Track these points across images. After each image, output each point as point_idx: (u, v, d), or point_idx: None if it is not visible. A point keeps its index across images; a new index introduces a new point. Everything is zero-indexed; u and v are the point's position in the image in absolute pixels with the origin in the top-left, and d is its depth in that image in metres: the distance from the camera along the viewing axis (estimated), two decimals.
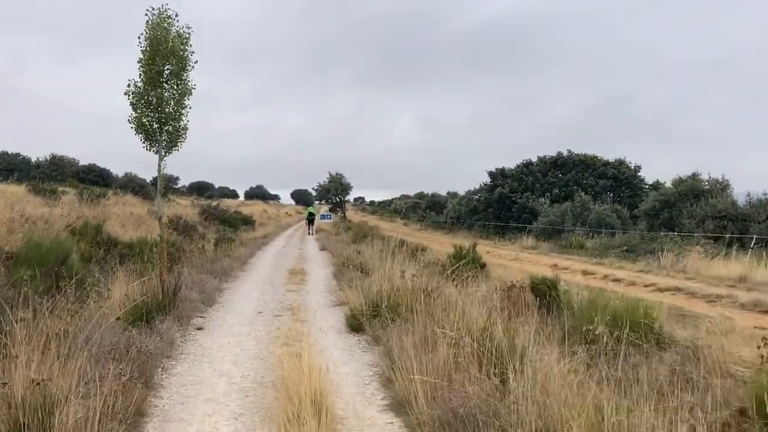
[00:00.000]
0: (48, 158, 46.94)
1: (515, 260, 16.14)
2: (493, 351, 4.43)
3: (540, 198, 30.32)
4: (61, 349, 4.74)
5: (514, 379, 3.71)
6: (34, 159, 47.93)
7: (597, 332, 5.23)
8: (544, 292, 8.21)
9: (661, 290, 10.17)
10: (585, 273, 12.54)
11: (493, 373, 4.09)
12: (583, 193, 27.26)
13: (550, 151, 33.98)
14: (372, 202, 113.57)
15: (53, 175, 42.19)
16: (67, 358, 4.61)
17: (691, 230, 17.83)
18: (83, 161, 46.03)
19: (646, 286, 10.46)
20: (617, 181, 31.77)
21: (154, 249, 10.98)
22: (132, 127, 9.58)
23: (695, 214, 18.54)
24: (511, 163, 37.21)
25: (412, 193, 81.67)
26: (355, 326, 6.99)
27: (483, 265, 11.88)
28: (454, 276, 9.84)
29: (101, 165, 45.23)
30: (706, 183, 20.75)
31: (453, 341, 4.54)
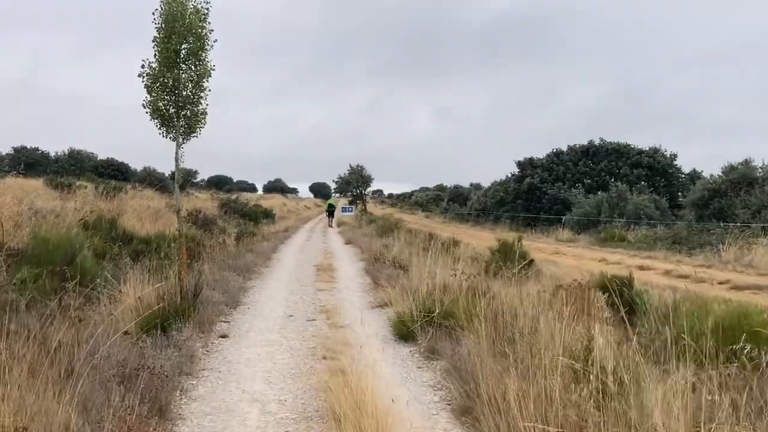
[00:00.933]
0: (66, 153, 46.69)
1: (557, 254, 14.99)
2: (608, 380, 3.38)
3: (573, 188, 28.96)
4: (58, 371, 3.85)
5: None
6: (52, 153, 47.71)
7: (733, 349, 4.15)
8: (619, 294, 7.14)
9: (739, 288, 9.00)
10: (641, 268, 11.38)
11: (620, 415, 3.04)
12: (619, 183, 25.89)
13: (572, 141, 32.63)
14: (390, 195, 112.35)
15: (71, 169, 41.93)
16: (62, 382, 3.71)
17: (745, 221, 16.49)
18: (103, 156, 45.68)
19: (720, 283, 9.29)
20: (652, 170, 30.27)
21: (172, 244, 10.11)
22: (147, 112, 8.76)
23: (750, 204, 17.17)
24: (532, 152, 35.96)
25: (431, 185, 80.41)
26: (403, 334, 5.97)
27: (531, 261, 10.80)
28: (503, 274, 8.81)
29: (120, 159, 44.83)
30: (760, 170, 19.31)
31: (552, 365, 3.49)
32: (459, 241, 16.16)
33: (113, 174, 40.58)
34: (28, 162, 44.36)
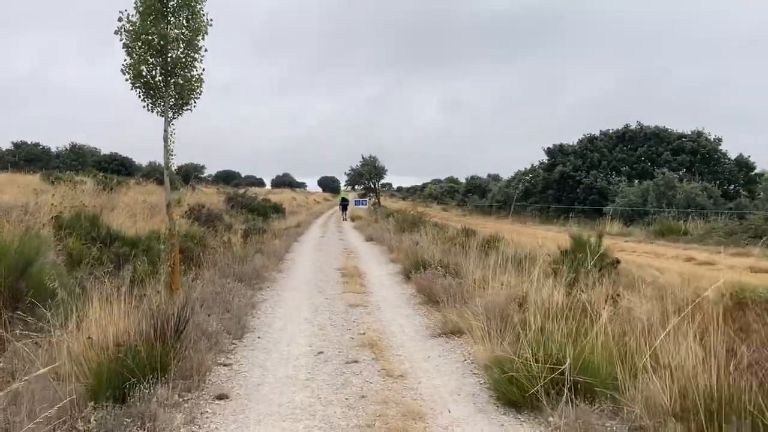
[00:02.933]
0: (68, 148, 44.85)
1: (621, 251, 12.65)
2: None
3: (609, 176, 26.48)
4: None
5: None
6: (54, 149, 45.88)
7: None
8: None
9: None
10: (754, 270, 9.06)
11: None
12: (666, 170, 23.43)
13: (584, 132, 30.13)
14: (400, 188, 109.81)
15: (73, 164, 40.10)
16: None
17: None
18: (112, 152, 43.75)
19: None
20: (695, 155, 27.73)
21: (163, 246, 7.97)
22: (128, 79, 6.64)
23: None
24: (544, 143, 33.64)
25: (441, 178, 78.00)
26: (512, 397, 3.69)
27: (617, 262, 8.52)
28: (588, 283, 6.57)
29: (125, 155, 42.91)
30: None
31: None
32: (500, 237, 13.96)
33: (116, 169, 38.81)
34: (27, 158, 42.54)
